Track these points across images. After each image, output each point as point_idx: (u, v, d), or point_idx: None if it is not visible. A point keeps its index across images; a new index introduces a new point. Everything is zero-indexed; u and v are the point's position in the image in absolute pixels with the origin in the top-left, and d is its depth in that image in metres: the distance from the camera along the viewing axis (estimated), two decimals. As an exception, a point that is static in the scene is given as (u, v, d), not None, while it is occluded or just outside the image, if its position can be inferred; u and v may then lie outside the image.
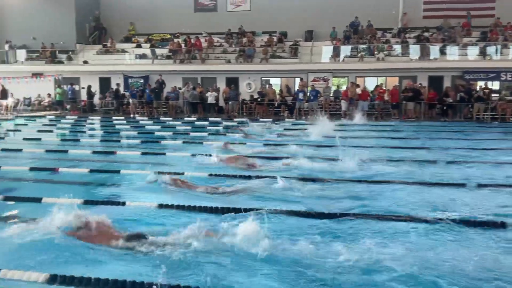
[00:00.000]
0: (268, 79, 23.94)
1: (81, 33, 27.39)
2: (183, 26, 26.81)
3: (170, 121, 19.41)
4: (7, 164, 8.93)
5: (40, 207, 6.00)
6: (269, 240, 4.49)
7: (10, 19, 27.42)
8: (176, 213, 5.79)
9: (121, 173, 8.24)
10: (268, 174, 7.78)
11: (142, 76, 24.76)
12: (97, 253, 4.44)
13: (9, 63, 26.30)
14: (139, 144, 12.35)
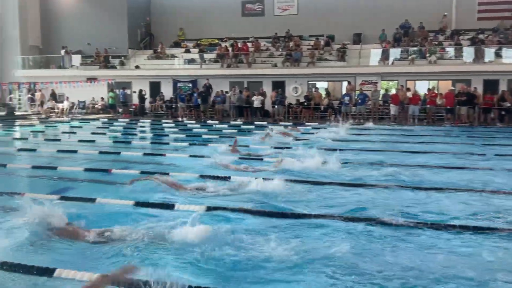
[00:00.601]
0: (315, 82, 23.75)
1: (133, 38, 28.30)
2: (230, 31, 27.16)
3: (217, 124, 19.65)
4: (63, 164, 9.31)
5: (94, 207, 6.22)
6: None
7: (67, 26, 28.73)
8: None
9: (170, 176, 8.38)
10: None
11: (191, 80, 25.23)
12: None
13: (66, 68, 27.54)
14: (187, 146, 12.57)
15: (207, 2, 28.19)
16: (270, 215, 5.91)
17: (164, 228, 5.11)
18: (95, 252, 4.60)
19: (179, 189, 7.29)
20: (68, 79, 24.69)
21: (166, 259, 4.41)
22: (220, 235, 4.93)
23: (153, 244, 4.77)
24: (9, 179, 8.05)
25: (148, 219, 5.71)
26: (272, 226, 5.48)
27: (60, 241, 4.89)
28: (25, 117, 23.15)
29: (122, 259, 4.41)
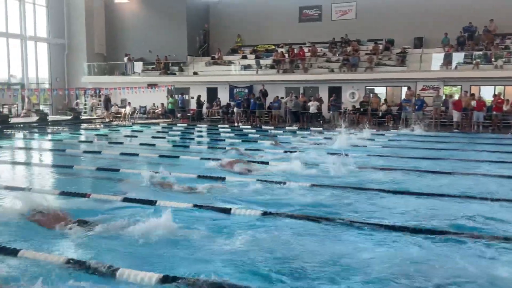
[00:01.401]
0: (373, 88, 23.25)
1: (192, 45, 29.03)
2: (287, 37, 27.19)
3: (272, 130, 19.69)
4: (125, 167, 9.67)
5: (155, 209, 6.39)
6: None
7: (129, 34, 29.98)
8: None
9: (227, 180, 8.48)
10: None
11: (247, 86, 25.48)
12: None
13: (128, 74, 28.71)
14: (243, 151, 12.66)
15: (265, 9, 28.41)
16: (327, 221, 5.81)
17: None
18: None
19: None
20: (130, 85, 25.71)
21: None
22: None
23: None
24: (75, 180, 8.45)
25: (206, 221, 5.82)
26: (324, 231, 5.39)
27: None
28: (90, 121, 24.33)
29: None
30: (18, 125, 20.45)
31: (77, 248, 4.88)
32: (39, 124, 21.24)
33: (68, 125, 21.39)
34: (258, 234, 5.32)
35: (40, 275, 3.91)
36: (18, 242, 4.90)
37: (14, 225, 5.62)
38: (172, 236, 5.19)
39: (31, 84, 27.65)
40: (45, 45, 28.69)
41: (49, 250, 4.65)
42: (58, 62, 29.30)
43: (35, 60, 28.13)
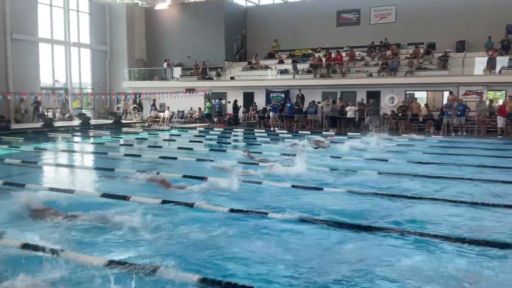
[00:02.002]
0: (413, 92, 22.74)
1: (229, 51, 29.31)
2: (325, 41, 27.04)
3: (309, 134, 19.55)
4: (164, 170, 9.81)
5: (192, 211, 6.46)
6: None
7: (169, 40, 30.59)
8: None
9: (263, 184, 8.46)
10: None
11: (283, 90, 25.45)
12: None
13: (167, 79, 29.26)
14: (278, 155, 12.62)
15: (302, 14, 28.36)
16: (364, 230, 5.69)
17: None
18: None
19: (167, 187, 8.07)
20: (169, 90, 26.18)
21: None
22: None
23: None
24: (116, 183, 8.64)
25: (240, 224, 5.84)
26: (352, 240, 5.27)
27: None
28: (130, 125, 24.91)
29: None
30: (62, 129, 21.17)
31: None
32: (82, 128, 21.93)
33: (109, 129, 21.99)
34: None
35: (83, 277, 4.03)
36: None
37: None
38: (209, 238, 5.23)
39: (75, 89, 28.63)
40: (88, 51, 29.67)
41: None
42: (100, 68, 30.22)
43: (79, 66, 29.12)
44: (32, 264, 4.32)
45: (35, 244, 4.77)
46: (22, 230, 5.46)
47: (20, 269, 4.10)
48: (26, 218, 6.09)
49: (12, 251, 4.72)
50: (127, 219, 5.75)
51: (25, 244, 4.76)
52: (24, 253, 4.62)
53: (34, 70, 25.42)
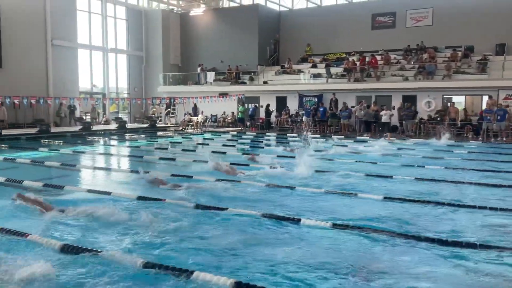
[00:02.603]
0: (451, 97, 22.15)
1: (262, 55, 29.39)
2: (359, 45, 26.74)
3: (342, 139, 19.33)
4: (198, 174, 9.90)
5: (224, 215, 6.47)
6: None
7: (203, 45, 30.96)
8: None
9: (296, 190, 8.40)
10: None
11: (316, 95, 25.29)
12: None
13: (201, 84, 29.61)
14: (313, 161, 12.52)
15: (336, 17, 28.17)
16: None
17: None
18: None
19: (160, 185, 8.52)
20: (202, 94, 26.48)
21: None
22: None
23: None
24: (150, 185, 8.76)
25: (273, 230, 5.81)
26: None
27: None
28: (165, 129, 25.31)
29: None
30: (99, 132, 21.71)
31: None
32: (118, 132, 22.42)
33: (144, 133, 22.39)
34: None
35: (118, 276, 4.10)
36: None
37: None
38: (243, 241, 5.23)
39: (111, 94, 29.37)
40: (125, 56, 30.38)
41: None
42: (136, 73, 30.89)
43: (116, 71, 29.86)
44: (75, 264, 4.44)
45: (75, 245, 4.89)
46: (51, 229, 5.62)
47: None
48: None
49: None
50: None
51: (64, 245, 4.88)
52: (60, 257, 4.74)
53: (73, 75, 26.24)
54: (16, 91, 21.27)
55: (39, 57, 24.24)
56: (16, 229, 5.40)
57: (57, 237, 5.35)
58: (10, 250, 4.82)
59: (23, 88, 22.11)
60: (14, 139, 17.61)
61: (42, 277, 4.06)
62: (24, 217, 6.27)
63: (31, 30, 23.62)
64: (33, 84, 23.46)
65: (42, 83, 24.30)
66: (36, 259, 4.41)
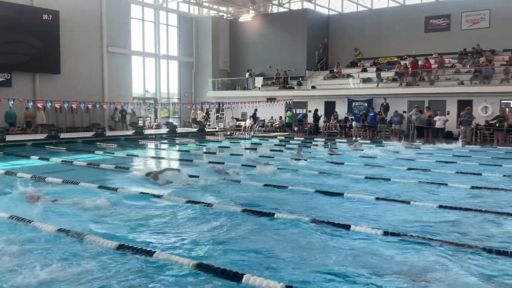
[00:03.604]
0: (509, 101, 21.09)
1: (311, 60, 29.24)
2: (411, 48, 26.07)
3: (393, 145, 18.86)
4: (246, 179, 9.94)
5: (274, 220, 6.45)
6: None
7: (252, 51, 31.22)
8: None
9: (345, 196, 8.25)
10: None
11: (366, 99, 24.83)
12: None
13: (249, 89, 29.84)
14: (361, 167, 12.30)
15: (387, 20, 27.62)
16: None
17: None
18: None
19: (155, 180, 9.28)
20: (250, 99, 26.67)
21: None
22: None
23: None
24: (203, 189, 8.89)
25: (322, 236, 5.74)
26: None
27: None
28: (213, 133, 25.67)
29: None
30: (151, 136, 22.33)
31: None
32: (169, 136, 22.97)
33: (194, 137, 22.81)
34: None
35: (172, 277, 4.18)
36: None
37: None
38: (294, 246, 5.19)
39: (162, 99, 30.17)
40: (176, 62, 31.14)
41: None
42: (187, 78, 31.57)
43: (167, 77, 30.67)
44: (128, 263, 4.57)
45: (127, 245, 5.04)
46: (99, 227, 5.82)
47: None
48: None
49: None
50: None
51: (120, 245, 5.04)
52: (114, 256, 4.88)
53: (127, 81, 27.18)
54: (73, 96, 22.30)
55: (95, 63, 25.30)
56: (71, 228, 5.65)
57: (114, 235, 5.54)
58: (65, 249, 5.03)
59: (80, 94, 23.15)
60: (71, 142, 18.46)
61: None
62: (66, 215, 6.54)
63: (88, 37, 24.72)
64: (89, 90, 24.50)
65: (98, 88, 25.34)
66: (89, 259, 4.58)
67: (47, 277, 4.17)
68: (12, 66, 21.45)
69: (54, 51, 22.86)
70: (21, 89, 21.71)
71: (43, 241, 5.30)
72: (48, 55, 22.66)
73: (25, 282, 4.06)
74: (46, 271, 4.28)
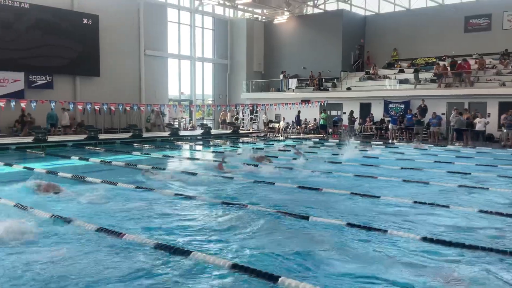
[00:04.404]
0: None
1: (346, 61, 28.94)
2: (450, 48, 25.40)
3: (431, 148, 18.42)
4: (279, 180, 9.93)
5: (307, 224, 6.41)
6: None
7: (286, 52, 31.19)
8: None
9: (381, 199, 8.12)
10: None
11: (403, 101, 24.34)
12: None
13: (283, 90, 29.80)
14: (398, 170, 12.05)
15: (425, 20, 27.02)
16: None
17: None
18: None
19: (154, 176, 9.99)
20: (284, 101, 26.62)
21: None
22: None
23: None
24: (234, 190, 8.96)
25: (358, 240, 5.66)
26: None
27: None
28: (247, 135, 25.76)
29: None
30: (186, 138, 22.63)
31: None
32: (204, 137, 23.21)
33: (228, 138, 22.96)
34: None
35: (207, 277, 4.22)
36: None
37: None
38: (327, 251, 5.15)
39: (197, 101, 30.53)
40: (211, 65, 31.47)
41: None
42: (221, 80, 31.85)
43: (202, 79, 31.03)
44: (167, 262, 4.65)
45: (165, 243, 5.12)
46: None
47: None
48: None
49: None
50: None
51: (158, 244, 5.14)
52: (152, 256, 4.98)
53: (163, 83, 27.67)
54: (111, 98, 22.86)
55: (133, 66, 25.89)
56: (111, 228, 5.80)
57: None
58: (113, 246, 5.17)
59: (118, 95, 23.70)
60: (109, 143, 18.93)
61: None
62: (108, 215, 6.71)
63: (126, 41, 25.32)
64: (127, 92, 25.08)
65: (135, 90, 25.91)
66: (131, 257, 4.68)
67: (92, 272, 4.29)
68: (54, 69, 22.23)
69: (94, 54, 23.53)
70: (62, 91, 22.46)
71: (85, 240, 5.46)
72: (88, 58, 23.35)
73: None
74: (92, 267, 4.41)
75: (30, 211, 6.63)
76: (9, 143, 16.60)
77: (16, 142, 16.84)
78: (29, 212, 6.62)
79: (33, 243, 5.20)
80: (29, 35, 21.22)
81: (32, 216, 6.37)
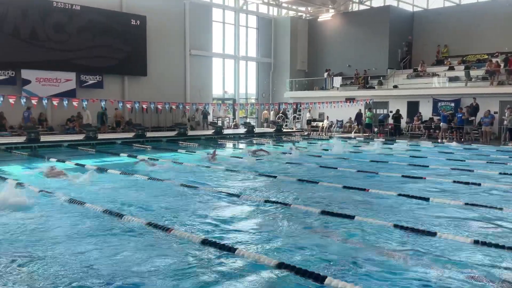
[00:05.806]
0: None
1: (393, 58, 28.25)
2: (504, 44, 24.27)
3: (483, 148, 17.68)
4: (324, 180, 9.82)
5: (353, 224, 6.30)
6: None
7: (330, 50, 30.83)
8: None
9: (430, 201, 7.86)
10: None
11: (453, 99, 23.49)
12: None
13: (327, 89, 29.47)
14: (449, 171, 11.65)
15: (477, 16, 25.97)
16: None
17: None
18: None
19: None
20: (328, 99, 26.30)
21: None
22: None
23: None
24: (274, 189, 8.96)
25: (405, 242, 5.49)
26: None
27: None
28: (290, 134, 25.67)
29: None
30: (229, 136, 22.82)
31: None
32: (247, 136, 23.33)
33: (271, 137, 22.96)
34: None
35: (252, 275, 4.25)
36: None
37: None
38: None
39: (241, 100, 30.72)
40: (254, 63, 31.57)
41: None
42: (264, 79, 31.90)
43: (246, 78, 31.20)
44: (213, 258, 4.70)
45: (211, 240, 5.18)
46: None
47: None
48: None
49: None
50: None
51: (204, 240, 5.22)
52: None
53: (207, 82, 28.04)
54: (157, 97, 23.39)
55: (179, 66, 26.38)
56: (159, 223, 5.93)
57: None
58: (154, 244, 5.28)
59: (164, 94, 24.21)
60: (156, 141, 19.39)
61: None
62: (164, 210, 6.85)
63: (172, 41, 25.83)
64: (173, 91, 25.58)
65: (180, 90, 26.40)
66: (173, 252, 4.76)
67: (140, 269, 4.40)
68: (104, 69, 22.99)
69: (142, 55, 24.15)
70: (111, 90, 23.20)
71: (131, 235, 5.61)
72: (136, 59, 23.98)
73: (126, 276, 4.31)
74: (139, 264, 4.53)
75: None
76: (62, 140, 17.34)
77: (68, 140, 17.56)
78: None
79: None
80: (80, 36, 22.03)
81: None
